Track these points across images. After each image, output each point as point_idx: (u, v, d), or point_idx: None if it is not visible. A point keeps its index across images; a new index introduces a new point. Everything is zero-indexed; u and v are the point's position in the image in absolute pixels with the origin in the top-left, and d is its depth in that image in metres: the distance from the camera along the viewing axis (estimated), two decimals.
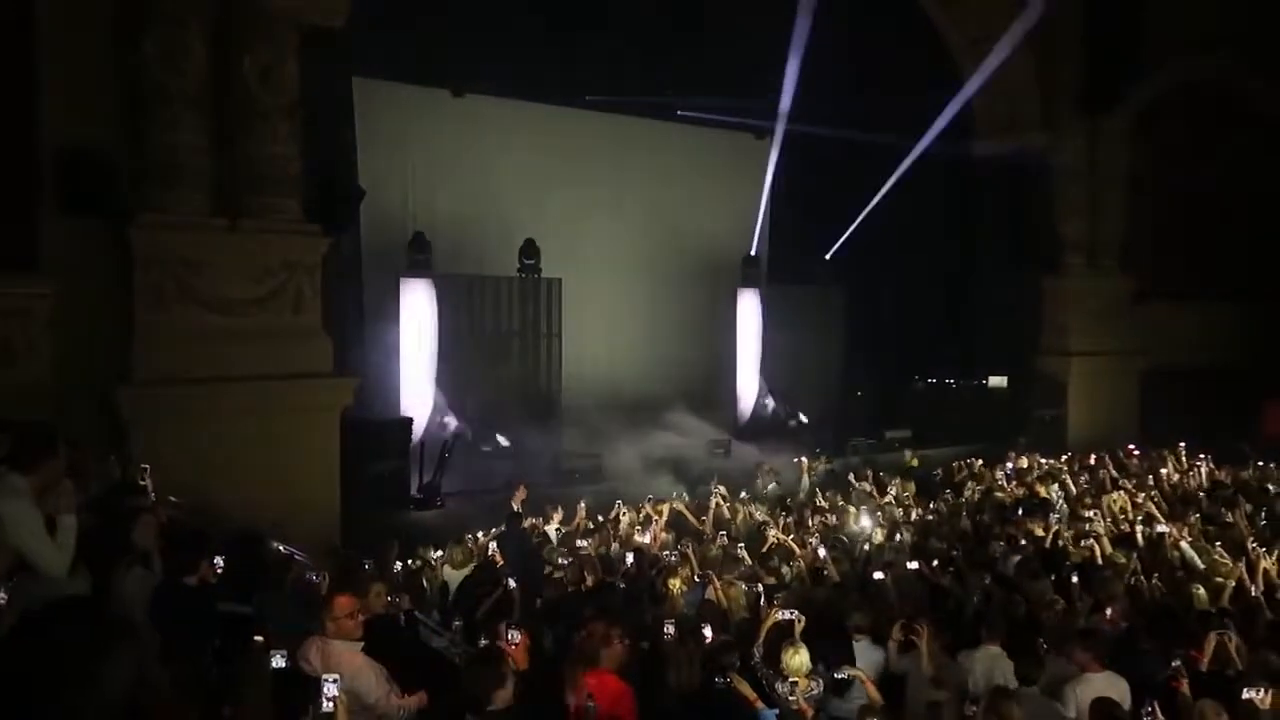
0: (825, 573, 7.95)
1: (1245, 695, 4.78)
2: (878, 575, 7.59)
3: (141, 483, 7.04)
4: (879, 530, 9.74)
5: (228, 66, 9.80)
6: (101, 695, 1.74)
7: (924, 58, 16.74)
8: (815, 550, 8.51)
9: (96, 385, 9.09)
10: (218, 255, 9.72)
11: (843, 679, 5.60)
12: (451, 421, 13.43)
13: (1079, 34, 16.60)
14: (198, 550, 5.73)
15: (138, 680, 1.81)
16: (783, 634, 5.93)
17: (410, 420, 12.66)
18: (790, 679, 5.41)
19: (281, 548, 7.43)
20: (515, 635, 5.19)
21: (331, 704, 3.86)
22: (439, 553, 9.00)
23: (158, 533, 6.06)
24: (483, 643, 5.61)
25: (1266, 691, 4.85)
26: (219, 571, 5.86)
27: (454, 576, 8.28)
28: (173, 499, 7.33)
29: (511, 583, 6.94)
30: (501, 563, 8.19)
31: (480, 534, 9.67)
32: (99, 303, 9.38)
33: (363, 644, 4.87)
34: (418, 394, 13.46)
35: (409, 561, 8.72)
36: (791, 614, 6.09)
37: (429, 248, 13.63)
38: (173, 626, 5.19)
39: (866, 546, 8.98)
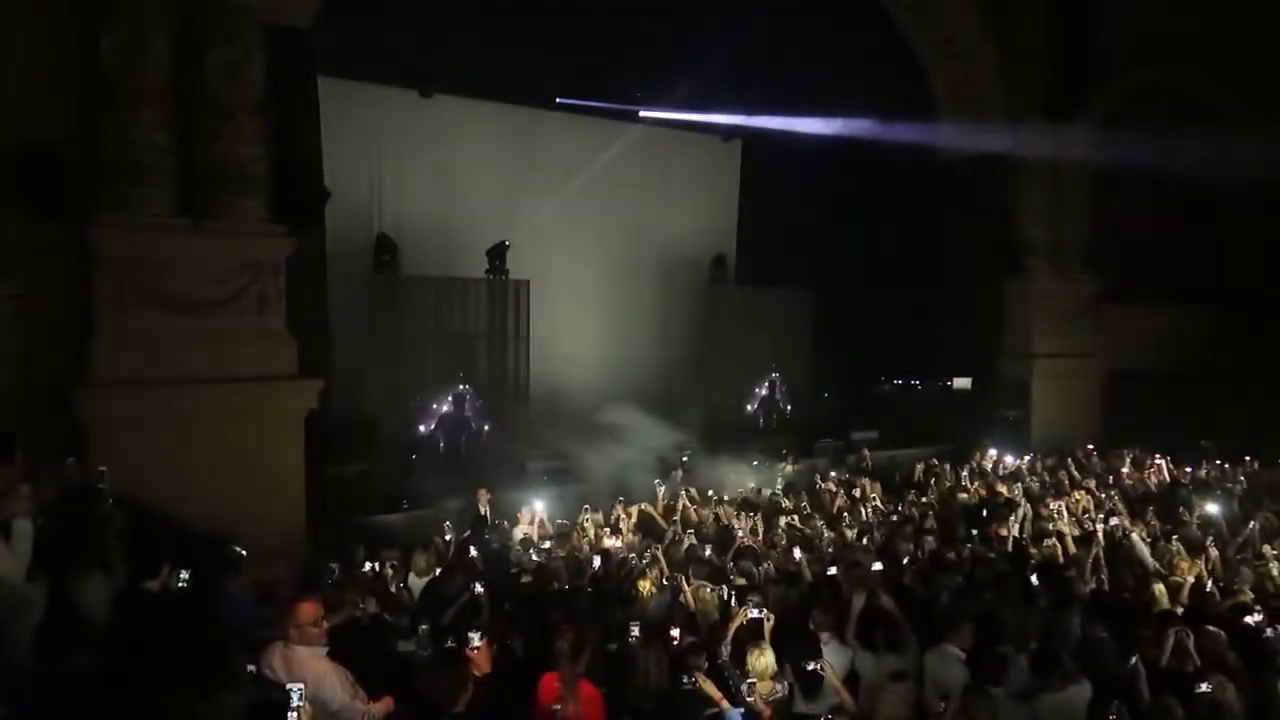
0: (797, 573, 7.95)
1: (1201, 689, 4.86)
2: (831, 570, 7.65)
3: (100, 486, 6.93)
4: (848, 531, 9.80)
5: (192, 64, 9.66)
6: None
7: (890, 60, 16.88)
8: (787, 551, 8.54)
9: (55, 387, 8.92)
10: (180, 256, 9.57)
11: (812, 671, 5.63)
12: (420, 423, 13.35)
13: (1043, 37, 16.82)
14: (159, 554, 5.65)
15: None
16: (752, 633, 5.94)
17: (376, 422, 12.56)
18: (750, 680, 5.42)
19: (241, 550, 7.33)
20: (475, 639, 5.17)
21: (296, 714, 3.80)
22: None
23: (117, 537, 5.98)
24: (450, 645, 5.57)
25: (1224, 686, 4.94)
26: (182, 585, 5.75)
27: (418, 582, 8.21)
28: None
29: (479, 587, 6.90)
30: (482, 568, 8.14)
31: (447, 536, 9.60)
32: (58, 303, 9.22)
33: (327, 649, 4.82)
34: (384, 396, 13.36)
35: (375, 565, 8.63)
36: (761, 612, 6.10)
37: (395, 249, 13.55)
38: (135, 632, 5.12)
39: (831, 548, 9.00)
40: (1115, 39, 16.62)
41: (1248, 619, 6.30)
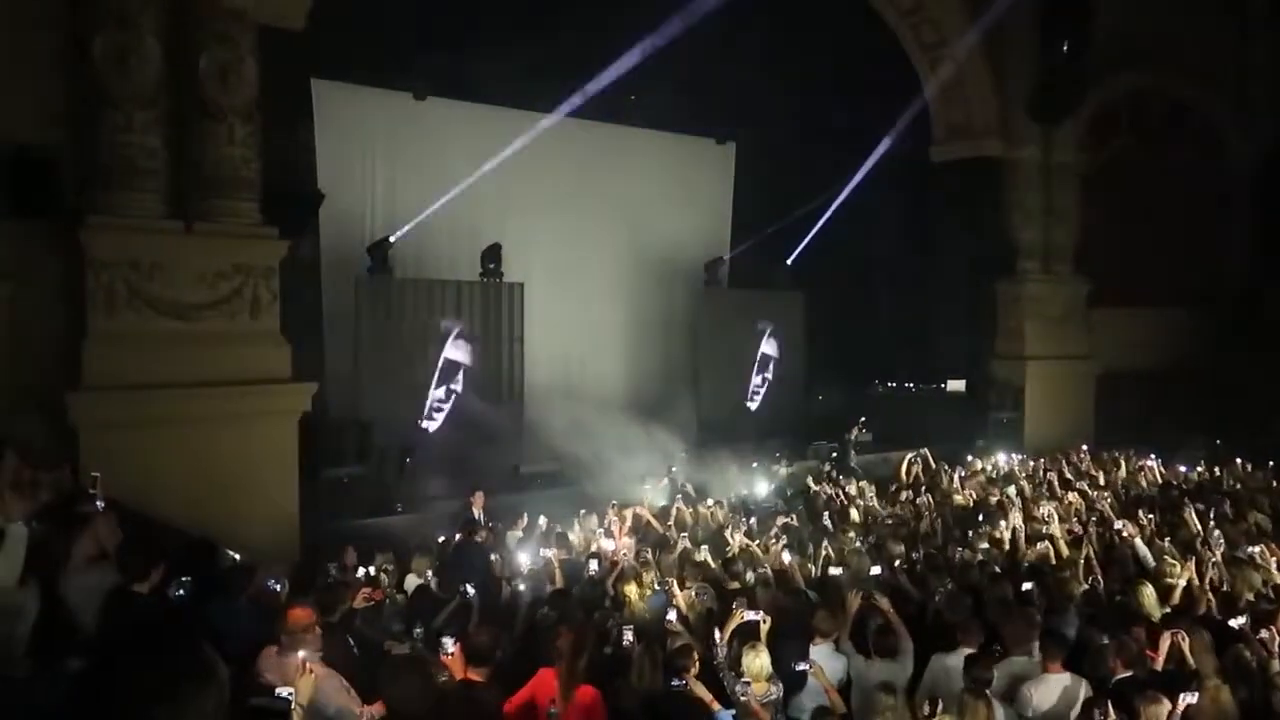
0: (790, 576, 7.94)
1: (1183, 700, 4.85)
2: (834, 571, 7.64)
3: (91, 490, 6.90)
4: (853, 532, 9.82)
5: (184, 66, 9.64)
6: None
7: (883, 64, 16.92)
8: (779, 555, 8.53)
9: (46, 390, 8.89)
10: (172, 258, 9.53)
11: (800, 672, 5.65)
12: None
13: (1032, 44, 16.87)
14: (150, 556, 5.62)
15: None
16: (748, 635, 5.94)
17: (370, 424, 12.53)
18: (743, 680, 5.42)
19: (237, 556, 7.31)
20: (449, 644, 5.16)
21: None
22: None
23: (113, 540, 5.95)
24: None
25: (1203, 692, 4.95)
26: (181, 594, 5.71)
27: (414, 585, 8.19)
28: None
29: (470, 589, 6.88)
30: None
31: (441, 538, 9.60)
32: (49, 306, 9.19)
33: (321, 655, 4.80)
34: (378, 399, 13.32)
35: (369, 569, 8.61)
36: (758, 614, 6.10)
37: (389, 251, 13.52)
38: (125, 636, 5.07)
39: (826, 551, 8.99)
40: (1101, 45, 16.67)
41: (1237, 621, 6.30)
